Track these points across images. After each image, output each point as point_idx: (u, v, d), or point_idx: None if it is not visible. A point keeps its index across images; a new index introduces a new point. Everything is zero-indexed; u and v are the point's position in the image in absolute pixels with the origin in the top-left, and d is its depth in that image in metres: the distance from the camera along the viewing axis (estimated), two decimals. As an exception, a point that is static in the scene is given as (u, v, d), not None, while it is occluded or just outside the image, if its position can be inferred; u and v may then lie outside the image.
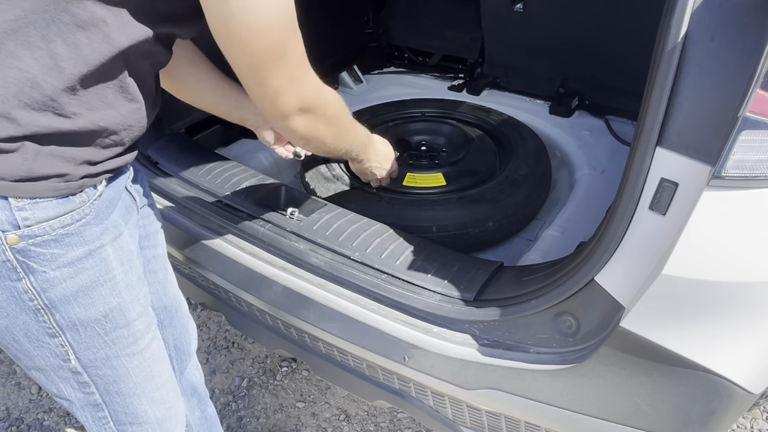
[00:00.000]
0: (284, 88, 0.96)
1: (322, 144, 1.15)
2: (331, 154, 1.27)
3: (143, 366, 1.06)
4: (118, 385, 1.04)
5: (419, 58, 2.69)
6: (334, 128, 1.15)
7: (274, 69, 0.93)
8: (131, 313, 1.01)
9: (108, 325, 0.98)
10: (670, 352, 0.96)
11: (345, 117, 1.21)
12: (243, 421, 1.95)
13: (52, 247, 0.89)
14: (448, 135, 2.03)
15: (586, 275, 1.04)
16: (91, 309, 0.96)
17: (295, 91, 0.98)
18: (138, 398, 1.08)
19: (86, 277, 0.93)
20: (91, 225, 0.93)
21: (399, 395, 1.34)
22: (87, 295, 0.94)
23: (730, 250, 0.87)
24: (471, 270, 1.27)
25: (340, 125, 1.19)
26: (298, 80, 0.98)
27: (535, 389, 1.12)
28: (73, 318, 0.95)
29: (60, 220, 0.89)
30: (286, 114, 1.00)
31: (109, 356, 1.01)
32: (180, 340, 1.34)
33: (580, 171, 1.89)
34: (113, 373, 1.03)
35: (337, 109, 1.14)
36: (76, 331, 0.96)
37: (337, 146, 1.23)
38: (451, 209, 1.62)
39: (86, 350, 0.99)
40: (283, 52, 0.93)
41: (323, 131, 1.11)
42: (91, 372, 1.01)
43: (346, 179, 1.77)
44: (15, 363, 2.19)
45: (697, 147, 0.84)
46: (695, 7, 0.81)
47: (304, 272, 1.38)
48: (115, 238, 0.97)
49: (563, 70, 2.26)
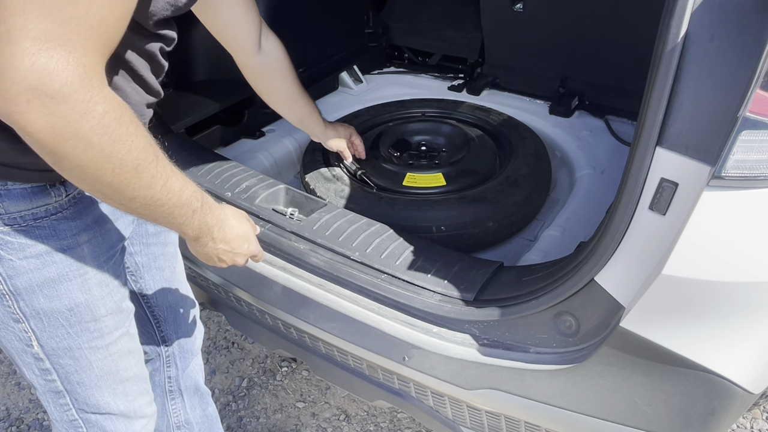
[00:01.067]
0: (22, 38, 0.63)
1: (81, 173, 0.73)
2: (121, 206, 0.81)
3: (107, 360, 1.06)
4: (80, 375, 1.04)
5: (419, 58, 2.69)
6: (98, 153, 0.71)
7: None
8: (100, 310, 1.01)
9: (73, 319, 0.98)
10: (670, 352, 0.96)
11: (129, 151, 0.74)
12: (243, 421, 1.95)
13: (21, 237, 0.89)
14: (448, 135, 2.03)
15: (586, 275, 1.04)
16: (56, 301, 0.95)
17: (38, 53, 0.63)
18: (99, 389, 1.07)
19: (54, 270, 0.93)
20: (67, 220, 0.92)
21: (399, 395, 1.34)
22: (53, 288, 0.94)
23: (730, 250, 0.87)
24: (471, 270, 1.27)
25: (114, 154, 0.72)
26: (50, 43, 0.64)
27: (535, 389, 1.12)
28: (36, 307, 0.95)
29: (33, 212, 0.88)
30: (7, 81, 0.63)
31: (72, 347, 1.01)
32: (183, 338, 1.35)
33: (580, 171, 1.89)
34: (75, 364, 1.03)
35: (110, 131, 0.71)
36: (40, 319, 0.96)
37: (119, 189, 0.76)
38: (451, 209, 1.62)
39: (49, 338, 0.99)
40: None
41: (73, 149, 0.69)
42: (53, 360, 1.02)
43: (346, 179, 1.77)
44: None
45: (697, 147, 0.84)
46: (695, 7, 0.81)
47: (304, 272, 1.38)
48: (94, 235, 0.97)
49: (563, 70, 2.26)
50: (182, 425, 1.43)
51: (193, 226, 0.91)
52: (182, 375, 1.40)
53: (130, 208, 0.81)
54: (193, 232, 0.92)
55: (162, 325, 1.32)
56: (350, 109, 2.23)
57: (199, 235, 0.94)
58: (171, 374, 1.39)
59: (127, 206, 0.81)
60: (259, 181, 1.57)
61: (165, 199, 0.82)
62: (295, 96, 1.54)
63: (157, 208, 0.83)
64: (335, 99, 2.39)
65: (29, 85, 0.64)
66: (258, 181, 1.57)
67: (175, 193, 0.83)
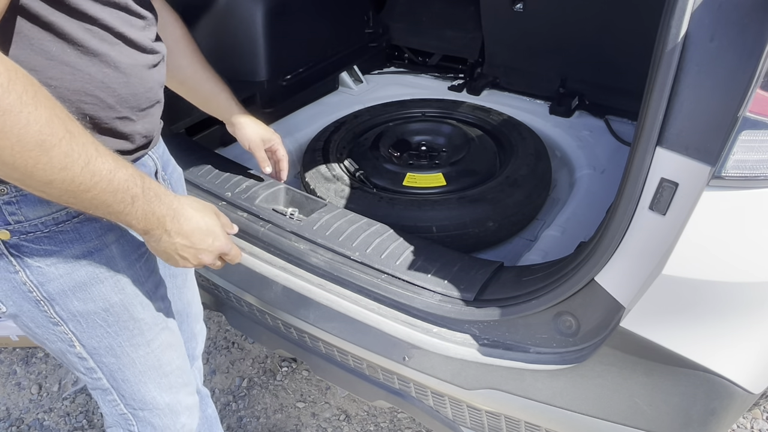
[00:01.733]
0: None
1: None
2: (42, 193, 0.73)
3: (149, 356, 1.05)
4: (123, 372, 1.04)
5: (419, 58, 2.69)
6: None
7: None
8: (136, 308, 0.99)
9: (110, 319, 0.97)
10: (670, 352, 0.96)
11: (43, 118, 0.67)
12: (243, 421, 1.95)
13: (45, 243, 0.86)
14: (449, 135, 2.04)
15: (586, 275, 1.04)
16: (90, 304, 0.94)
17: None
18: (145, 385, 1.07)
19: (83, 273, 0.91)
20: (90, 221, 0.89)
21: (399, 395, 1.34)
22: (85, 291, 0.92)
23: (730, 250, 0.87)
24: (471, 270, 1.27)
25: (15, 124, 0.65)
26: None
27: (535, 389, 1.12)
28: (72, 310, 0.94)
29: (53, 217, 0.85)
30: None
31: (113, 346, 1.00)
32: (186, 343, 1.36)
33: (580, 171, 1.89)
34: (117, 362, 1.02)
35: (10, 89, 0.64)
36: (77, 321, 0.95)
37: (28, 172, 0.69)
38: (452, 209, 1.62)
39: (89, 339, 0.98)
40: None
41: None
42: (96, 359, 1.01)
43: (346, 179, 1.77)
44: (15, 363, 2.19)
45: (697, 147, 0.84)
46: (695, 7, 0.81)
47: (304, 272, 1.38)
48: (122, 234, 0.94)
49: (563, 70, 2.26)
50: None
51: (138, 216, 0.81)
52: None
53: (52, 195, 0.73)
54: (140, 223, 0.82)
55: None
56: (350, 109, 2.23)
57: (148, 227, 0.84)
58: None
59: (48, 193, 0.72)
60: (259, 181, 1.57)
61: (90, 183, 0.73)
62: (190, 72, 1.26)
63: (83, 194, 0.73)
64: (335, 99, 2.39)
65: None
66: (258, 181, 1.57)
67: (103, 176, 0.74)
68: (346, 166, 1.86)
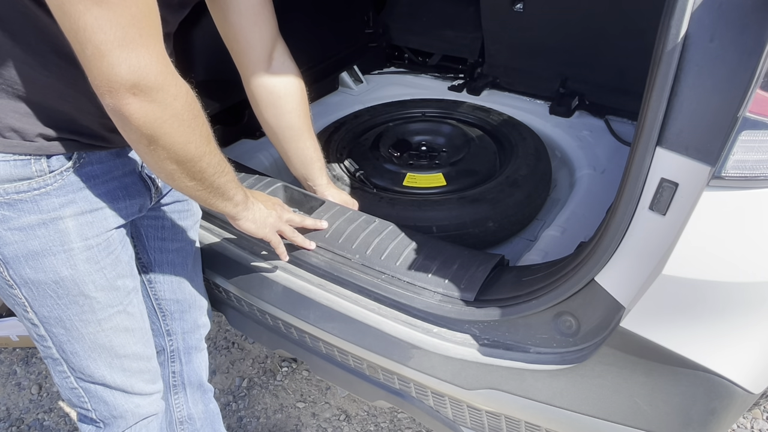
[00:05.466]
0: (111, 50, 0.76)
1: (171, 151, 0.88)
2: (193, 181, 0.95)
3: (99, 334, 1.08)
4: (72, 345, 1.08)
5: (419, 58, 2.69)
6: (186, 129, 0.88)
7: (88, 12, 0.74)
8: (88, 285, 1.03)
9: (60, 291, 1.02)
10: (670, 352, 0.96)
11: (203, 125, 0.93)
12: (243, 422, 1.95)
13: (4, 209, 0.93)
14: (449, 135, 2.03)
15: (586, 275, 1.04)
16: (41, 273, 0.99)
17: (128, 57, 0.77)
18: (94, 361, 1.10)
19: (36, 243, 0.97)
20: (50, 196, 0.95)
21: (399, 395, 1.34)
22: (37, 261, 0.98)
23: (730, 250, 0.87)
24: (471, 267, 1.26)
25: (196, 128, 0.90)
26: (131, 44, 0.77)
27: (536, 389, 1.12)
28: (24, 277, 0.99)
29: (15, 186, 0.92)
30: (114, 85, 0.78)
31: (62, 318, 1.05)
32: (188, 334, 1.39)
33: (580, 171, 1.89)
34: (67, 333, 1.06)
35: (192, 107, 0.89)
36: (29, 288, 1.01)
37: (197, 160, 0.92)
38: (452, 209, 1.62)
39: (40, 306, 1.03)
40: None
41: (170, 128, 0.85)
42: (47, 327, 1.06)
43: (346, 179, 1.77)
44: (15, 363, 2.19)
45: (697, 147, 0.84)
46: (695, 7, 0.81)
47: (304, 272, 1.38)
48: (81, 213, 0.99)
49: (563, 70, 2.26)
50: (185, 420, 1.44)
51: (233, 201, 1.06)
52: (186, 370, 1.41)
53: (200, 179, 0.94)
54: (233, 209, 1.08)
55: (168, 319, 1.34)
56: (350, 109, 2.23)
57: (234, 213, 1.10)
58: (175, 369, 1.40)
59: (198, 179, 0.94)
60: (258, 180, 1.56)
61: (223, 176, 0.99)
62: (298, 133, 1.36)
63: (220, 177, 0.98)
64: (335, 99, 2.39)
65: (132, 84, 0.78)
66: (257, 180, 1.56)
67: (226, 173, 1.01)
68: (346, 166, 1.86)
